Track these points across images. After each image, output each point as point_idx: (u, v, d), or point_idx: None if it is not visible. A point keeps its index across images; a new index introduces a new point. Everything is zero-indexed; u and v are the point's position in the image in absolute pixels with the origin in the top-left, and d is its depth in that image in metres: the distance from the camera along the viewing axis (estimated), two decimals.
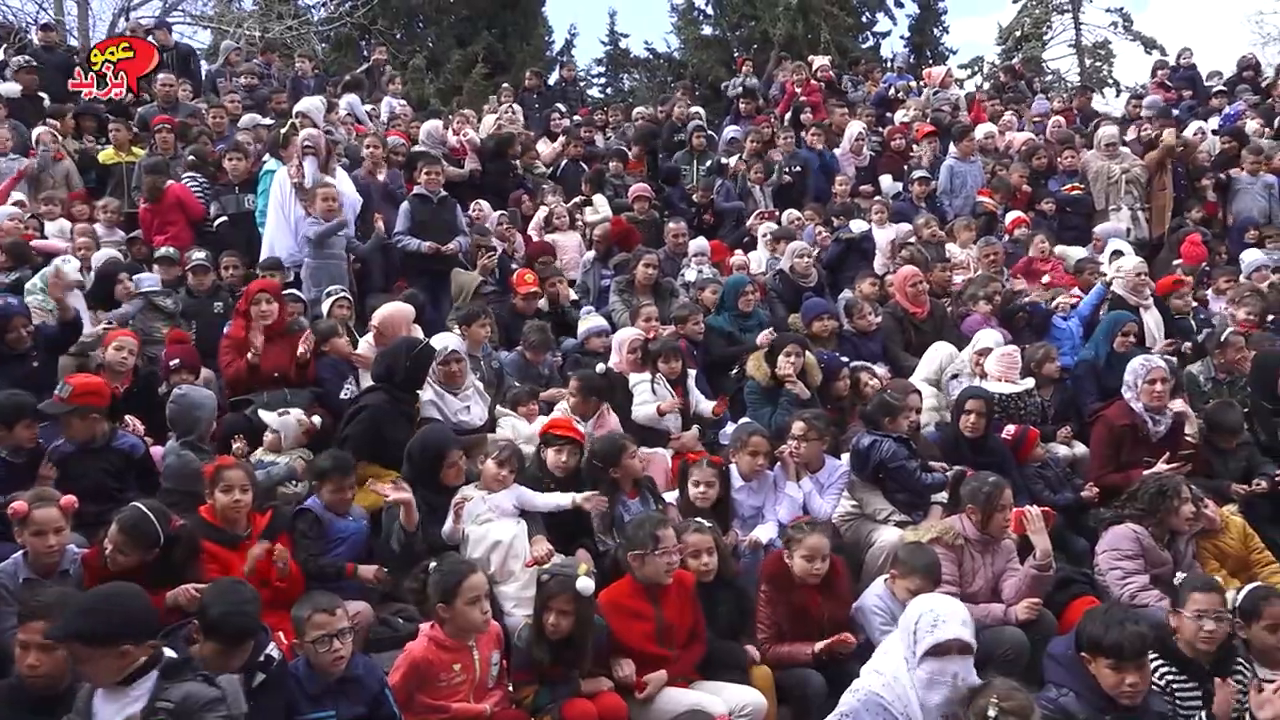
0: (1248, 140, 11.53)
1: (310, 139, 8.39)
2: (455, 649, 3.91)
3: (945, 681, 3.32)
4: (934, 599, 3.59)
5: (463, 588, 3.87)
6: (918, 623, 3.39)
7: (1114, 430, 5.89)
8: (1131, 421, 5.86)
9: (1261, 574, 5.21)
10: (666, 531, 4.40)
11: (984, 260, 8.98)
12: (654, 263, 8.32)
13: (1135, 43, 32.37)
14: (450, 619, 3.88)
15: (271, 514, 4.60)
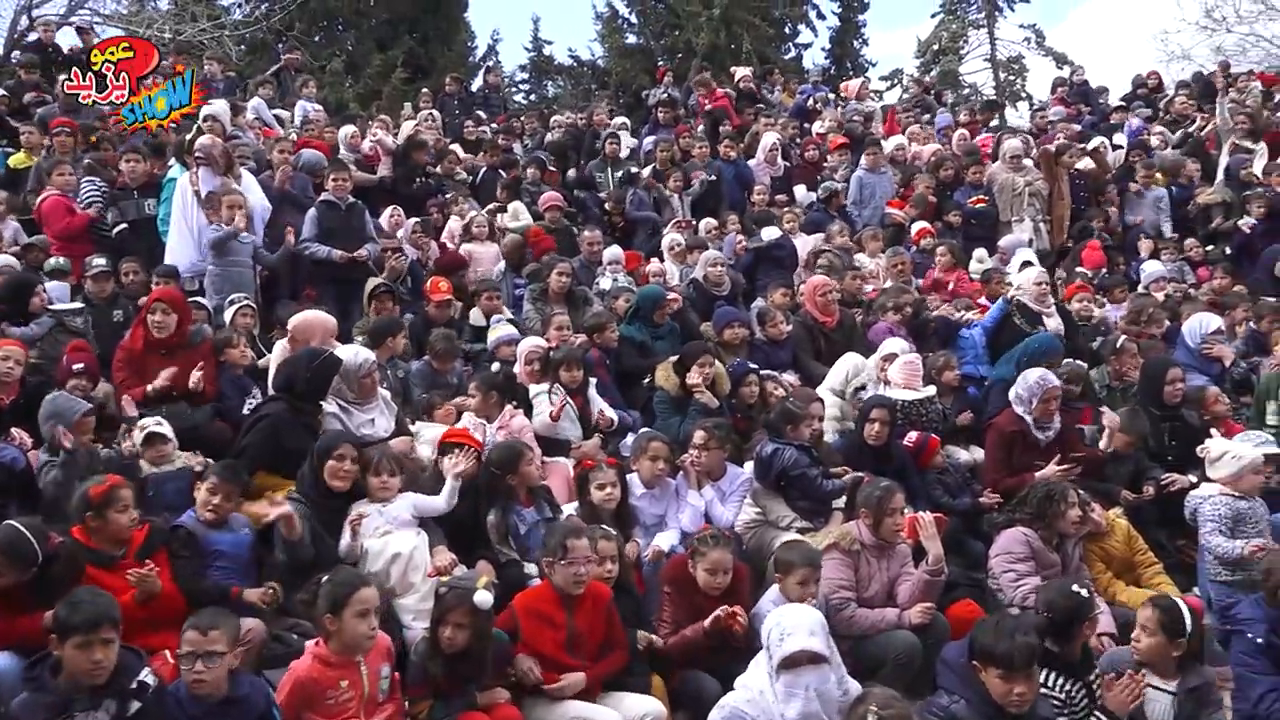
0: (1151, 154, 12.01)
1: (202, 148, 8.21)
2: (341, 665, 3.82)
3: (799, 694, 3.39)
4: (785, 611, 3.67)
5: (353, 600, 3.79)
6: (769, 636, 3.45)
7: (1004, 435, 6.11)
8: (1020, 428, 6.07)
9: (1145, 574, 5.41)
10: (579, 542, 4.37)
11: (892, 270, 9.18)
12: (567, 271, 8.32)
13: (1048, 58, 33.37)
14: (337, 632, 3.79)
15: (148, 530, 4.45)
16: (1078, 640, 4.08)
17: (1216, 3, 29.28)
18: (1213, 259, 10.24)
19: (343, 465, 4.87)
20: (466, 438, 5.30)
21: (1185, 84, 15.39)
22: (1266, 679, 4.22)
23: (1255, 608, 4.41)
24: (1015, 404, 6.15)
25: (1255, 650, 4.29)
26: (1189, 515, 5.43)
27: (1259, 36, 29.36)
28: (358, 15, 22.49)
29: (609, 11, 26.46)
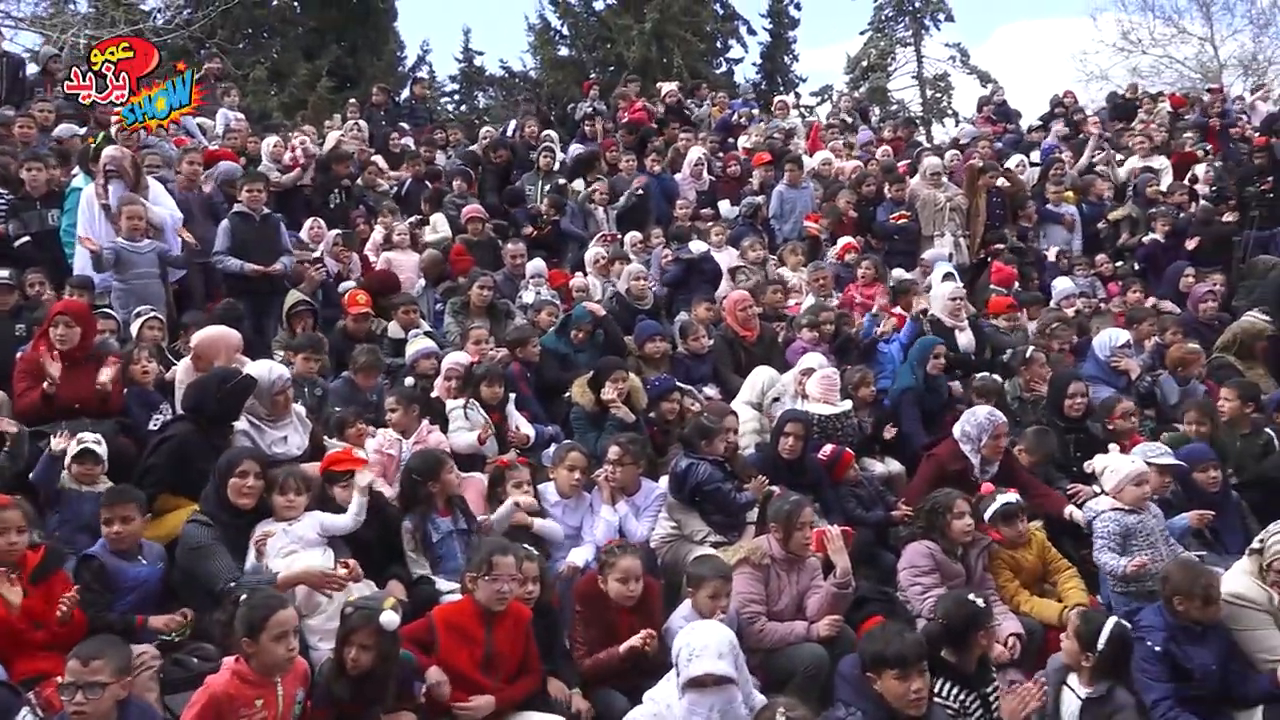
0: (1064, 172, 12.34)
1: (112, 160, 7.99)
2: (259, 684, 3.73)
3: (701, 714, 3.40)
4: (696, 630, 3.69)
5: (270, 623, 3.70)
6: (679, 654, 3.47)
7: (943, 471, 5.94)
8: (962, 466, 5.97)
9: (1060, 580, 5.48)
10: (504, 559, 4.34)
11: (813, 284, 9.30)
12: (489, 284, 8.27)
13: (972, 76, 34.23)
14: (255, 654, 3.71)
15: (44, 553, 4.31)
16: (974, 649, 4.16)
17: (1132, 25, 30.48)
18: (1122, 274, 10.56)
19: (246, 482, 4.77)
20: (352, 460, 5.21)
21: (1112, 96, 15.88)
22: (1162, 685, 4.35)
23: (1156, 615, 4.55)
24: (962, 441, 6.01)
25: (1154, 658, 4.41)
26: (1085, 524, 5.55)
27: (1172, 59, 30.58)
28: (284, 23, 22.19)
29: (541, 23, 26.55)
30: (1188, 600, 4.41)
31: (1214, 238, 10.54)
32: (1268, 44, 29.47)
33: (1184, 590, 4.43)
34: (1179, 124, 14.47)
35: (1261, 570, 4.61)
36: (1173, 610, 4.46)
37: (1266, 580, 4.58)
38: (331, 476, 5.20)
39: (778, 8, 29.50)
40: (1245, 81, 27.43)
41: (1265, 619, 4.55)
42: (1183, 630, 4.44)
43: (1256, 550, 4.66)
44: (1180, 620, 4.44)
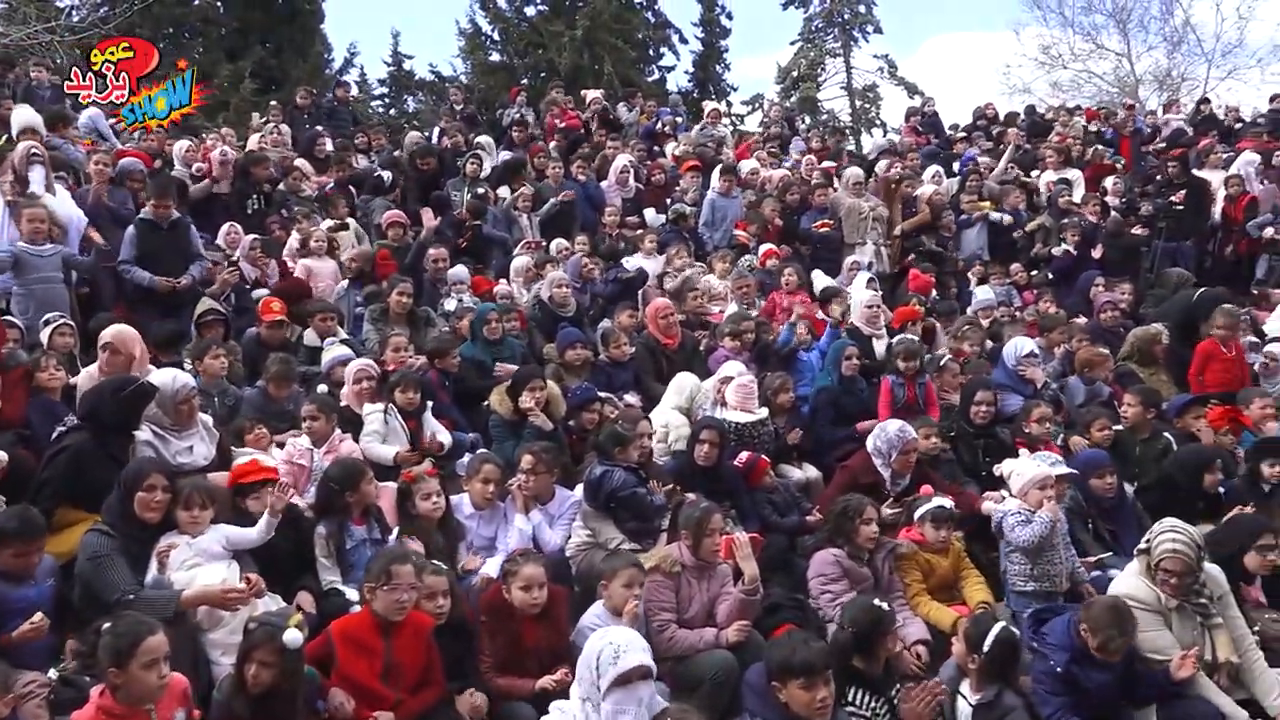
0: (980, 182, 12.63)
1: (38, 149, 7.77)
2: (129, 715, 3.56)
3: (630, 710, 3.40)
4: (612, 631, 3.68)
5: (139, 650, 3.51)
6: (599, 657, 3.46)
7: (856, 485, 6.01)
8: (874, 480, 6.06)
9: (966, 585, 5.59)
10: (403, 567, 4.29)
11: (736, 292, 9.37)
12: (408, 291, 8.17)
13: (900, 87, 34.89)
14: (123, 685, 3.53)
15: None
16: (880, 654, 4.23)
17: (1053, 41, 31.37)
18: (1036, 284, 10.83)
19: (153, 496, 4.63)
20: (262, 471, 5.12)
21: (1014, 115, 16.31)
22: (1058, 699, 4.42)
23: (1064, 634, 4.51)
24: (874, 456, 6.10)
25: (1053, 676, 4.45)
26: (995, 528, 5.67)
27: (1091, 73, 31.53)
28: (206, 23, 21.72)
29: (472, 28, 26.39)
30: (1095, 637, 4.38)
31: (1123, 248, 10.89)
32: (1181, 60, 30.58)
33: (1095, 629, 4.39)
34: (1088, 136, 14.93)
35: (1150, 569, 4.73)
36: (1079, 635, 4.45)
37: (1155, 579, 4.69)
38: (241, 489, 5.11)
39: (709, 17, 29.76)
40: (1160, 96, 28.43)
41: (1155, 619, 4.66)
42: (1083, 651, 4.43)
43: (1144, 550, 4.78)
44: (1076, 640, 4.45)
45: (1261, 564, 5.00)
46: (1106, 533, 6.13)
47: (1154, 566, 4.69)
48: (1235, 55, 29.59)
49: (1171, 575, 4.65)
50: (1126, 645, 4.42)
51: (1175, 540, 4.66)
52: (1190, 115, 17.81)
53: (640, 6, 28.09)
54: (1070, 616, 4.57)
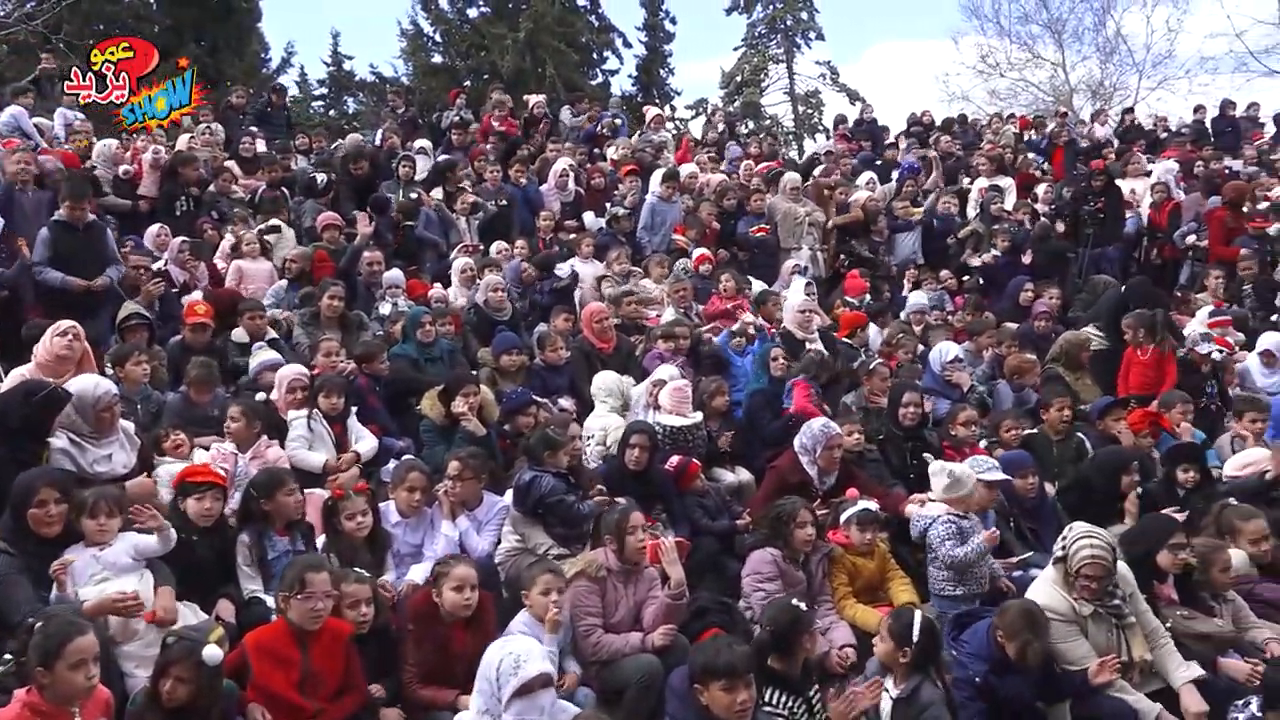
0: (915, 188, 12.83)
1: None
2: (54, 715, 3.52)
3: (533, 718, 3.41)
4: (511, 641, 3.69)
5: (67, 650, 3.47)
6: (499, 667, 3.47)
7: (784, 483, 6.12)
8: (802, 478, 6.15)
9: (892, 586, 5.66)
10: (319, 575, 4.24)
11: (673, 295, 9.42)
12: (339, 294, 8.06)
13: (841, 94, 35.35)
14: (50, 684, 3.48)
15: None
16: (799, 655, 4.27)
17: (990, 50, 31.98)
18: (967, 289, 11.02)
19: (45, 512, 4.48)
20: (209, 473, 5.04)
21: (948, 123, 16.61)
22: (974, 704, 4.48)
23: (983, 644, 4.55)
24: (801, 454, 6.21)
25: (971, 686, 4.50)
26: (916, 535, 5.73)
27: (1028, 82, 32.19)
28: (138, 20, 21.23)
29: (414, 29, 26.18)
30: (1011, 641, 4.44)
31: (1050, 254, 11.13)
32: (1113, 70, 31.35)
33: (1011, 634, 4.44)
34: (1021, 145, 15.26)
35: (1068, 578, 4.77)
36: (997, 643, 4.50)
37: (1075, 587, 4.73)
38: (186, 488, 5.01)
39: (653, 21, 29.92)
40: (1094, 105, 29.11)
41: (1072, 629, 4.71)
42: (1002, 661, 4.48)
43: (1061, 558, 4.80)
44: (996, 650, 4.50)
45: (1173, 563, 5.12)
46: (1028, 531, 6.27)
47: (1073, 574, 4.72)
48: (1165, 66, 30.40)
49: (1091, 580, 4.71)
50: (1043, 649, 4.47)
51: (1093, 546, 4.71)
52: (1117, 125, 18.27)
53: (584, 10, 28.16)
54: (988, 623, 4.64)
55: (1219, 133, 16.75)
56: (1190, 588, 5.29)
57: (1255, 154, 15.26)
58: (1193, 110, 18.53)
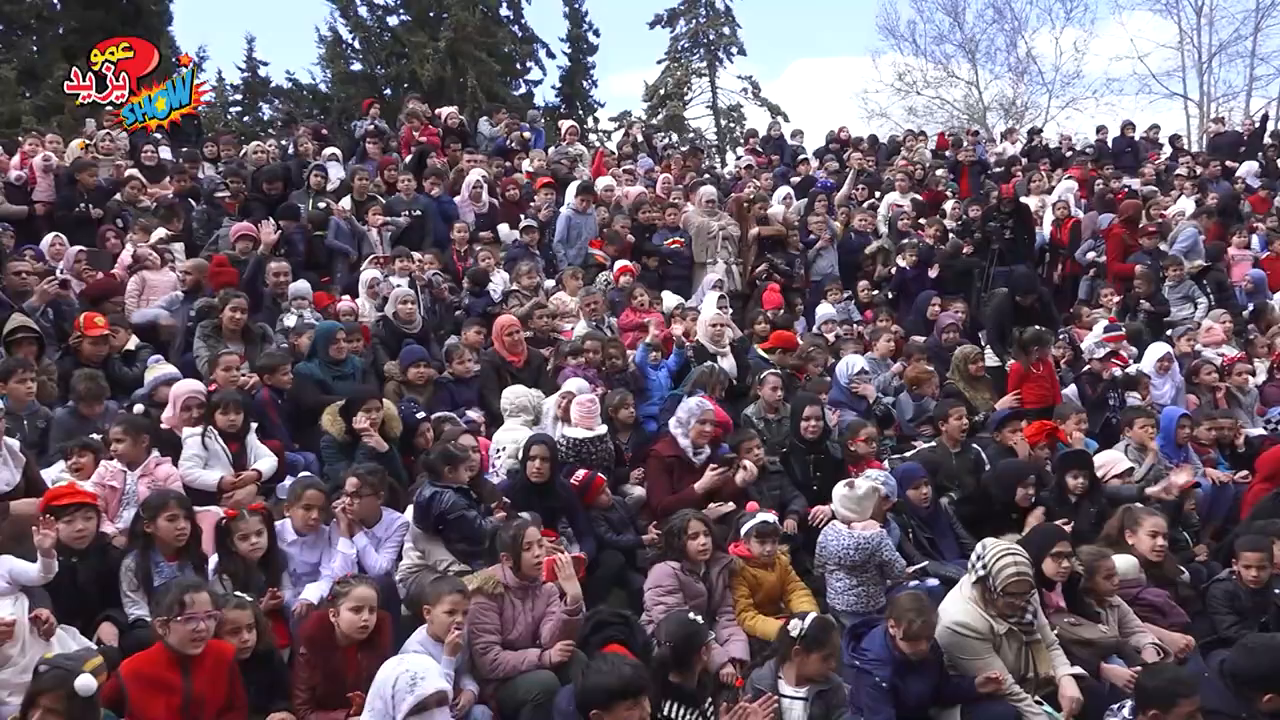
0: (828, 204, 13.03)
1: None
2: None
3: None
4: (408, 659, 3.65)
5: None
6: (395, 685, 3.42)
7: (663, 461, 6.52)
8: (677, 453, 6.49)
9: (792, 597, 5.74)
10: (199, 595, 4.13)
11: (585, 309, 9.41)
12: (242, 306, 7.87)
13: (763, 108, 35.87)
14: None
15: None
16: (695, 668, 4.29)
17: (907, 68, 32.78)
18: (876, 303, 11.22)
19: None
20: (77, 494, 4.88)
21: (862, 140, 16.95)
22: (886, 709, 4.57)
23: (882, 648, 4.65)
24: (674, 428, 6.59)
25: (878, 689, 4.58)
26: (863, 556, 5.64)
27: (943, 100, 33.07)
28: (41, 21, 20.50)
29: (332, 35, 25.79)
30: (898, 628, 4.57)
31: (957, 269, 11.39)
32: (1025, 90, 32.37)
33: (899, 618, 4.58)
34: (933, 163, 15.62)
35: (987, 595, 4.82)
36: (893, 641, 4.61)
37: (997, 604, 4.79)
38: (55, 511, 4.80)
39: (576, 33, 29.95)
40: (1007, 123, 29.98)
41: (985, 647, 4.80)
42: (903, 663, 4.60)
43: (982, 577, 4.82)
44: (895, 650, 4.61)
45: (1058, 570, 5.27)
46: (925, 540, 6.40)
47: (997, 591, 4.77)
48: (1074, 86, 31.53)
49: (1015, 598, 4.80)
50: (930, 627, 4.60)
51: (1017, 564, 4.79)
52: (1025, 143, 18.86)
53: (506, 20, 28.06)
54: (882, 627, 4.73)
55: (1119, 152, 17.40)
56: (1077, 595, 5.45)
57: (1152, 173, 15.87)
58: (1095, 130, 19.21)
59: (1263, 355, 10.08)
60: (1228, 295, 11.15)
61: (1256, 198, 14.86)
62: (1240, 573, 5.60)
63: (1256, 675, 4.20)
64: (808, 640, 4.51)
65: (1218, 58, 29.78)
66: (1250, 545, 5.63)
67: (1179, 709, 3.96)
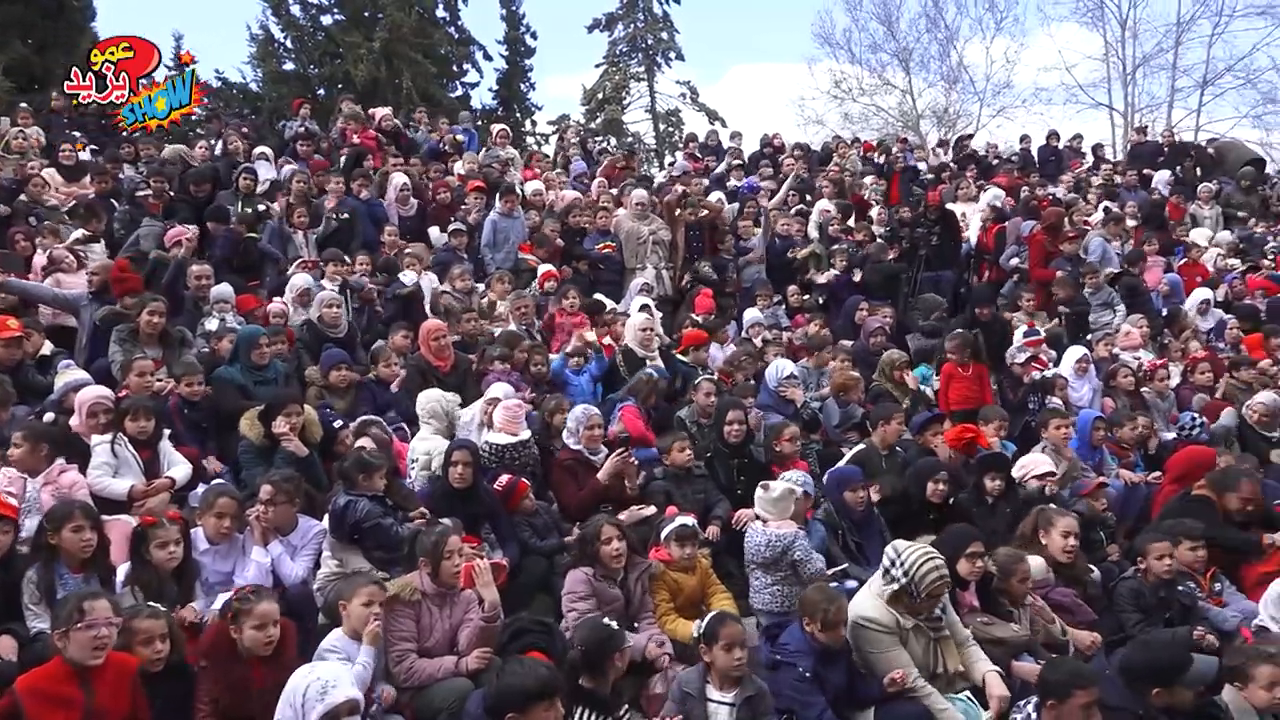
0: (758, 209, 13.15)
1: None
2: None
3: None
4: (319, 666, 3.60)
5: None
6: (305, 694, 3.37)
7: (564, 465, 6.70)
8: (575, 456, 6.68)
9: (711, 599, 5.77)
10: (97, 603, 4.02)
11: (515, 313, 9.37)
12: (160, 310, 7.68)
13: (701, 113, 36.06)
14: None
15: None
16: (609, 674, 4.29)
17: (843, 75, 33.21)
18: (806, 307, 11.35)
19: None
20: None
21: (796, 146, 17.14)
22: (818, 701, 4.64)
23: (800, 640, 4.78)
24: (567, 437, 6.79)
25: (804, 679, 4.67)
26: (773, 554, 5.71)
27: (879, 107, 33.55)
28: None
29: (264, 34, 25.33)
30: (813, 622, 4.71)
31: (884, 275, 11.57)
32: (957, 98, 32.99)
33: (810, 611, 4.73)
34: (863, 170, 15.87)
35: (903, 597, 4.88)
36: (809, 633, 4.74)
37: (917, 606, 4.88)
38: None
39: (513, 35, 29.81)
40: (940, 130, 30.56)
41: (892, 641, 4.89)
42: (821, 654, 4.72)
43: (904, 584, 4.86)
44: (813, 642, 4.72)
45: (971, 570, 5.38)
46: (853, 544, 6.47)
47: (920, 596, 4.85)
48: (1004, 95, 32.20)
49: (936, 600, 4.92)
50: (843, 612, 4.76)
51: (938, 568, 4.88)
52: (955, 151, 19.22)
53: (443, 21, 27.82)
54: (798, 623, 4.83)
55: (1043, 161, 17.85)
56: (991, 595, 5.56)
57: (1074, 181, 16.29)
58: (1020, 139, 19.65)
59: (1177, 359, 10.39)
60: (1142, 301, 11.44)
61: (1171, 204, 15.32)
62: (1151, 565, 5.76)
63: (1148, 671, 4.34)
64: (705, 636, 4.59)
65: (1141, 69, 30.67)
66: (1156, 539, 5.83)
67: (1075, 700, 4.06)
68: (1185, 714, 4.40)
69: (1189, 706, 4.40)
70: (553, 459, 6.78)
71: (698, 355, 8.87)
